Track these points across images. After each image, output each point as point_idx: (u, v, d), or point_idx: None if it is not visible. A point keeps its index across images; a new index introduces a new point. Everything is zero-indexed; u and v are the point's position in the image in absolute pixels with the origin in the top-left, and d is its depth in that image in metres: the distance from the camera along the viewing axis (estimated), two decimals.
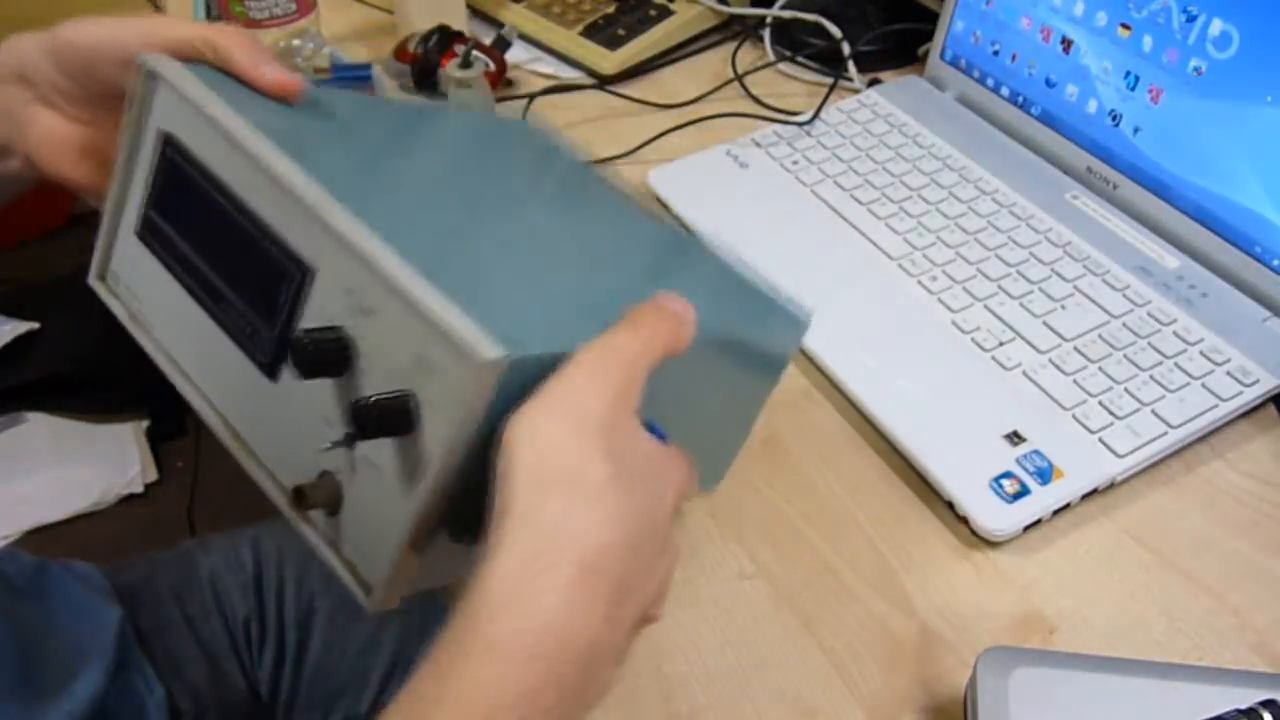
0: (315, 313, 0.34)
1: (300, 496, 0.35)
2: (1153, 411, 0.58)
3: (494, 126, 0.54)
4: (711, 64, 0.94)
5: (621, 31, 0.93)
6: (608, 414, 0.32)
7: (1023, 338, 0.63)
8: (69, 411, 1.70)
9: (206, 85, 0.38)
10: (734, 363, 0.47)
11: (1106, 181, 0.73)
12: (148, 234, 0.40)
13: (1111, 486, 0.57)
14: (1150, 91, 0.69)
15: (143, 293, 0.41)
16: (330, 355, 0.33)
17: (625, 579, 0.31)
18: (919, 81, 0.86)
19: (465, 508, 0.33)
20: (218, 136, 0.37)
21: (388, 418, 0.32)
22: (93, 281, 0.42)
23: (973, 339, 0.63)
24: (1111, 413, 0.58)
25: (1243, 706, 0.41)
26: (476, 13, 1.00)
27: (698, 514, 0.56)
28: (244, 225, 0.36)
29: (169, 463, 1.56)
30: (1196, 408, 0.58)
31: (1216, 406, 0.59)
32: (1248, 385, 0.60)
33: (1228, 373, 0.60)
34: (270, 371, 0.36)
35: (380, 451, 0.33)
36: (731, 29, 0.98)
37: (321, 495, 0.35)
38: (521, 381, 0.31)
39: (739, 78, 0.89)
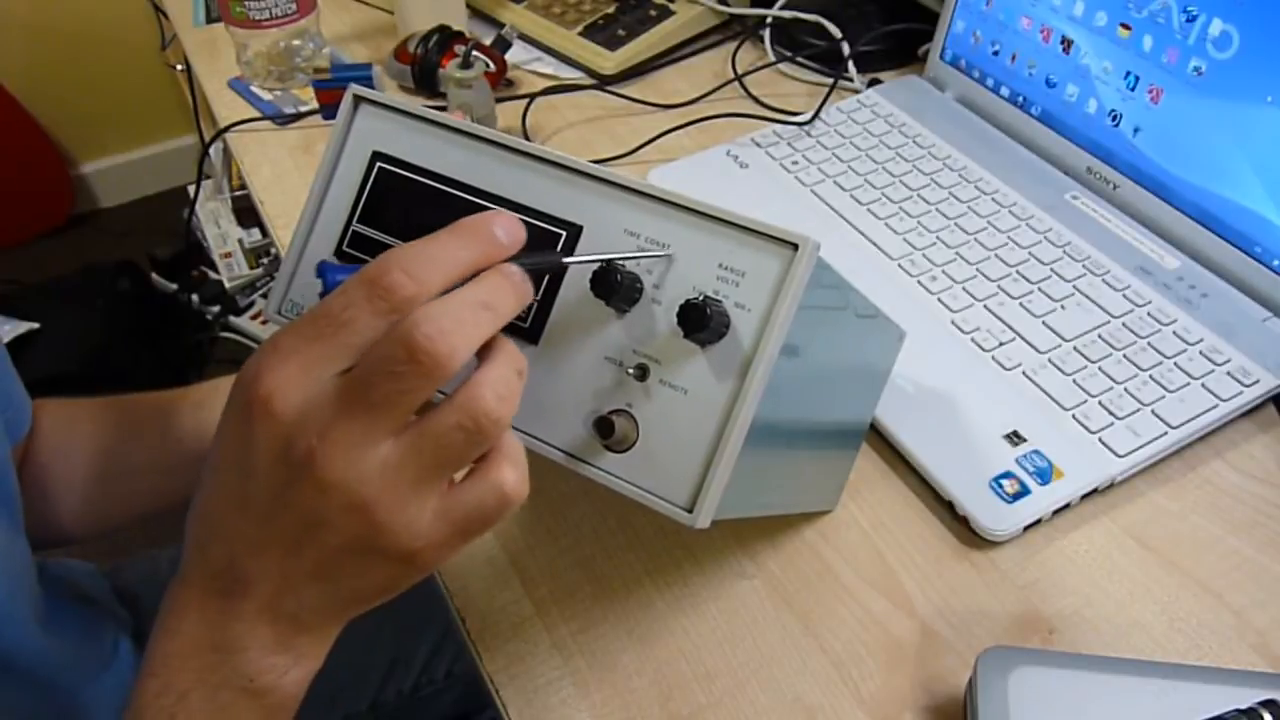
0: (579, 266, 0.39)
1: (605, 425, 0.36)
2: (1153, 411, 0.58)
3: None
4: (711, 64, 0.94)
5: (621, 31, 0.93)
6: None
7: (1023, 338, 0.63)
8: None
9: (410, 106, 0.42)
10: (863, 383, 0.53)
11: (1106, 182, 0.73)
12: (354, 250, 0.42)
13: (1111, 486, 0.57)
14: (1150, 91, 0.69)
15: None
16: (714, 316, 0.35)
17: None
18: (919, 81, 0.86)
19: None
20: (446, 139, 0.41)
21: (717, 317, 0.35)
22: (270, 315, 0.44)
23: (973, 339, 0.63)
24: (1111, 413, 0.58)
25: (1243, 706, 0.41)
26: (476, 13, 1.00)
27: None
28: (487, 208, 0.40)
29: None
30: (1196, 408, 0.58)
31: (1216, 406, 0.59)
32: (1248, 385, 0.60)
33: (1228, 373, 0.60)
34: (532, 336, 0.39)
35: (682, 372, 0.36)
36: (731, 29, 0.98)
37: (624, 424, 0.36)
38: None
39: (739, 78, 0.89)
